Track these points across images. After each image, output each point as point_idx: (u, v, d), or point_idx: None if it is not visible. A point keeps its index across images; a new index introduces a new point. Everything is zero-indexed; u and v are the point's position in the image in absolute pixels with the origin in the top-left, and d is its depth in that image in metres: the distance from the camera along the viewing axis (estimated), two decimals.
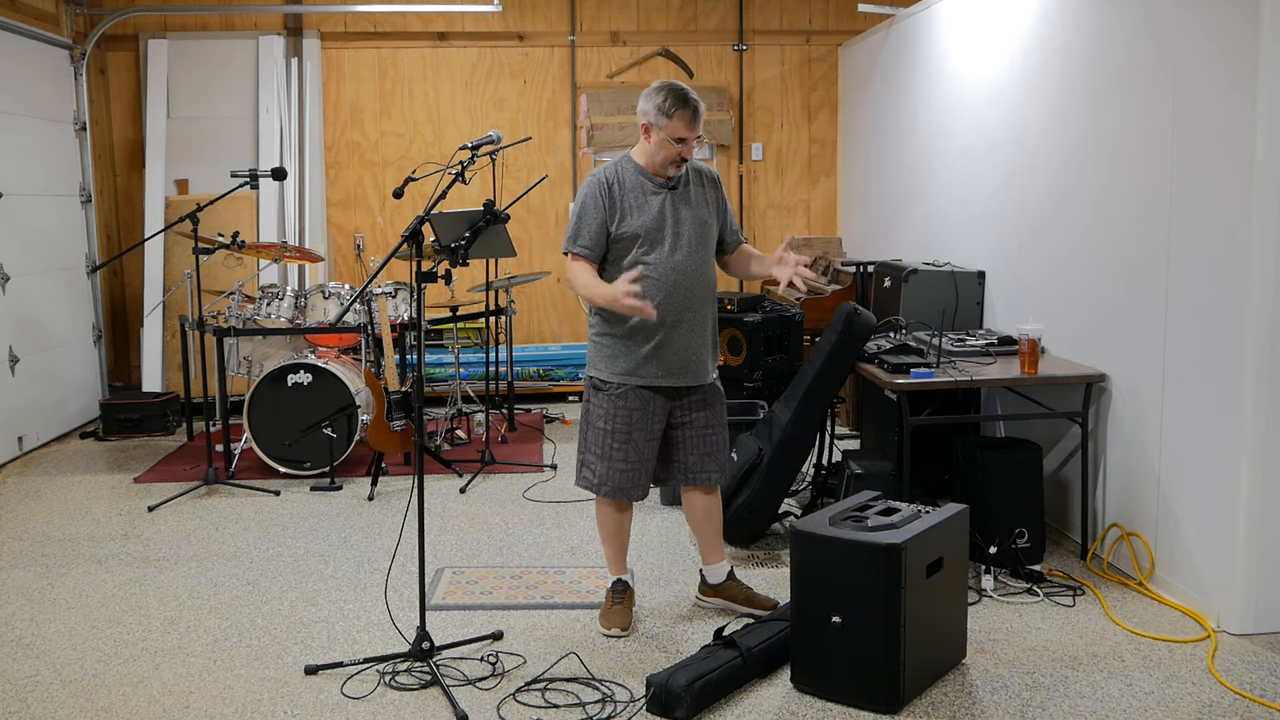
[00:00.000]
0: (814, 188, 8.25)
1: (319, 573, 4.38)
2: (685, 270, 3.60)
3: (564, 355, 7.76)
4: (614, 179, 3.61)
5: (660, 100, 3.54)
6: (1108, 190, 4.31)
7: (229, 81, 7.68)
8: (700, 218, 3.65)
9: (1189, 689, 3.31)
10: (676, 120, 3.52)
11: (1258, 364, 3.54)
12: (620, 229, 3.57)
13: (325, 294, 5.94)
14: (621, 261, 3.59)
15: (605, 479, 3.68)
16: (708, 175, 3.74)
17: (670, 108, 3.52)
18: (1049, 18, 4.74)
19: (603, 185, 3.60)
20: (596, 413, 3.69)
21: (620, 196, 3.59)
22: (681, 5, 8.04)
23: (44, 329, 6.70)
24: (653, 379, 3.63)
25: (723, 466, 3.81)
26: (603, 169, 3.66)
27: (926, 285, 5.33)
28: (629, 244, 3.58)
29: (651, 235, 3.57)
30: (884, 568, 3.12)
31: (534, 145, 7.96)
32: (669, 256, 3.58)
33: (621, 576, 3.87)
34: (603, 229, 3.58)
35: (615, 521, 3.82)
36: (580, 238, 3.60)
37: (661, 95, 3.55)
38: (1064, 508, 4.67)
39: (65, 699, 3.33)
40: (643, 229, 3.57)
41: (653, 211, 3.59)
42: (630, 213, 3.58)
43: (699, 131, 3.57)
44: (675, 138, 3.53)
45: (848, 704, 3.22)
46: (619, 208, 3.58)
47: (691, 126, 3.54)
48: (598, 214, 3.58)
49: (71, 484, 5.75)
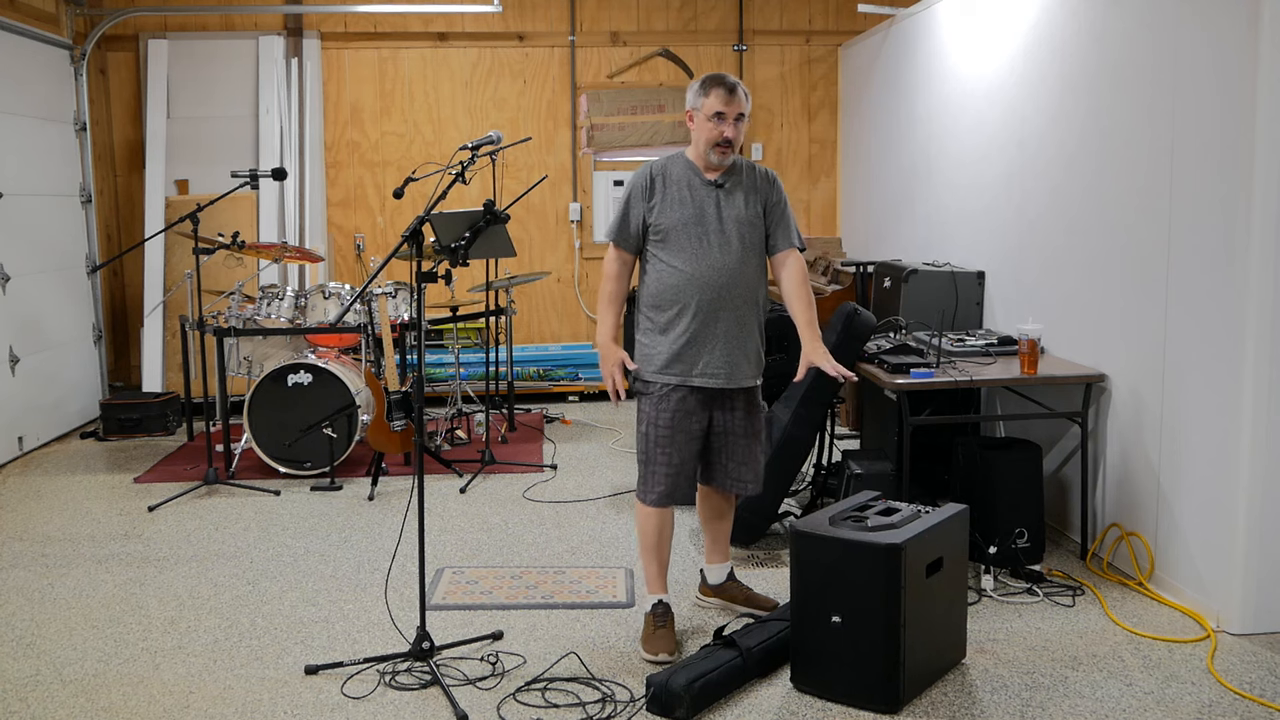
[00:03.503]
0: (814, 188, 8.25)
1: (319, 573, 4.38)
2: (723, 269, 3.52)
3: (564, 355, 7.76)
4: (661, 171, 3.59)
5: (698, 83, 3.56)
6: (1108, 190, 4.31)
7: (229, 81, 7.68)
8: (746, 216, 3.56)
9: (1189, 689, 3.31)
10: (712, 97, 3.50)
11: (1258, 364, 3.54)
12: (657, 219, 3.53)
13: (325, 294, 5.95)
14: (658, 255, 3.56)
15: (651, 484, 3.62)
16: (763, 174, 3.66)
17: (706, 85, 3.53)
18: (1049, 18, 4.74)
19: (647, 176, 3.59)
20: (641, 417, 3.65)
21: (663, 188, 3.56)
22: (681, 5, 8.04)
23: (44, 329, 6.70)
24: (689, 377, 3.55)
25: (758, 477, 3.74)
26: (654, 161, 3.64)
27: (926, 285, 5.33)
28: (664, 236, 3.53)
29: (688, 229, 3.52)
30: (884, 568, 3.12)
31: (534, 145, 7.96)
32: (706, 253, 3.51)
33: (662, 597, 3.69)
34: (641, 220, 3.57)
35: (657, 531, 3.68)
36: (618, 226, 3.62)
37: (699, 80, 3.57)
38: (1064, 508, 4.67)
39: (65, 699, 3.33)
40: (679, 222, 3.52)
41: (692, 205, 3.53)
42: (670, 204, 3.54)
43: (740, 109, 3.51)
44: (713, 113, 3.49)
45: (848, 704, 3.22)
46: (659, 198, 3.55)
47: (728, 102, 3.49)
48: (638, 204, 3.57)
49: (72, 484, 5.75)
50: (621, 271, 3.63)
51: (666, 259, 3.54)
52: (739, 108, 3.51)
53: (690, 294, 3.51)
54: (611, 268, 3.64)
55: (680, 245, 3.52)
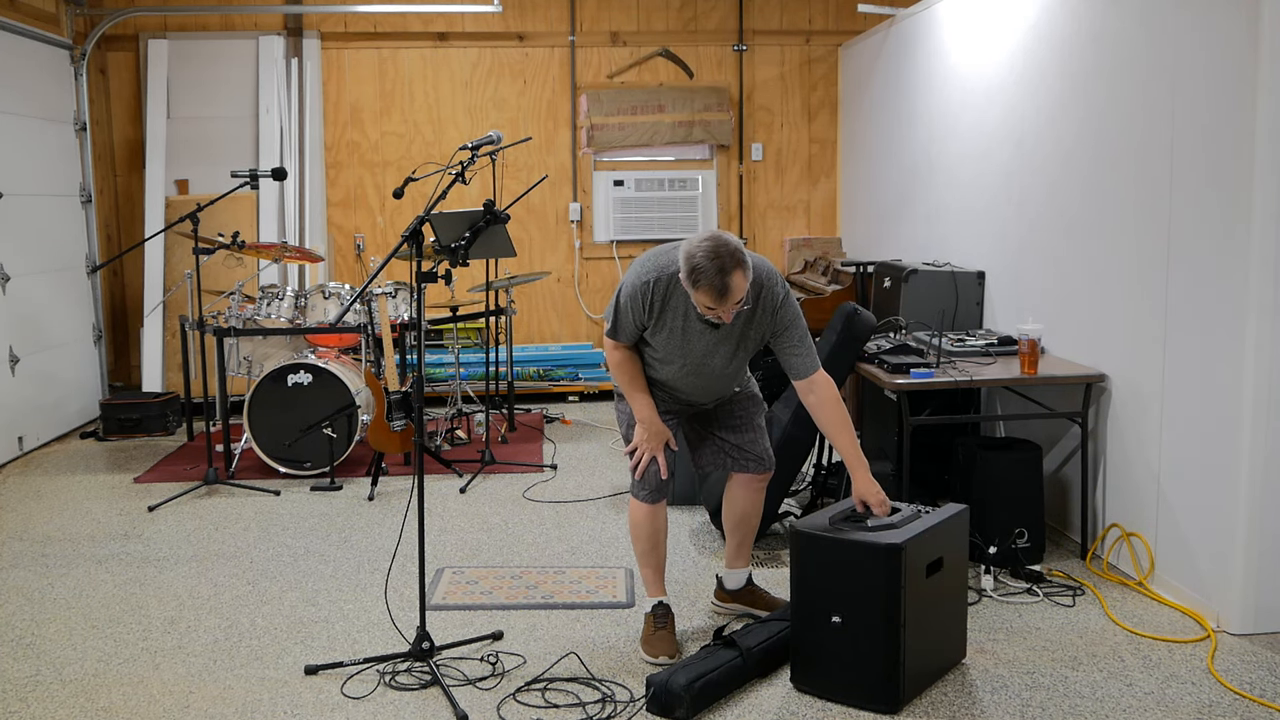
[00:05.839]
0: (814, 188, 8.25)
1: (319, 573, 4.38)
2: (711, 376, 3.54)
3: (564, 355, 7.76)
4: (662, 296, 3.37)
5: (687, 268, 3.18)
6: (1108, 189, 4.31)
7: (229, 81, 7.68)
8: (741, 349, 3.50)
9: (1189, 689, 3.31)
10: (701, 294, 3.20)
11: (1258, 364, 3.54)
12: (652, 338, 3.48)
13: (325, 294, 5.95)
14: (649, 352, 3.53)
15: (643, 480, 3.60)
16: (767, 303, 3.40)
17: (694, 280, 3.18)
18: (1049, 18, 4.75)
19: (647, 298, 3.37)
20: (622, 418, 3.67)
21: (660, 312, 3.41)
22: (681, 5, 8.04)
23: (44, 329, 6.70)
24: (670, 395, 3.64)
25: (766, 449, 3.71)
26: (658, 276, 3.36)
27: (926, 285, 5.33)
28: (654, 350, 3.50)
29: (676, 355, 3.47)
30: (884, 568, 3.12)
31: (534, 145, 7.96)
32: (690, 374, 3.52)
33: (661, 599, 3.67)
34: (639, 329, 3.48)
35: (649, 531, 3.64)
36: (620, 331, 3.51)
37: (690, 262, 3.17)
38: (1064, 508, 4.67)
39: (65, 699, 3.33)
40: (670, 347, 3.46)
41: (687, 338, 3.43)
42: (663, 331, 3.44)
43: (733, 302, 3.21)
44: (705, 305, 3.25)
45: (848, 704, 3.22)
46: (656, 321, 3.43)
47: (719, 301, 3.19)
48: (636, 319, 3.45)
49: (71, 484, 5.75)
50: (627, 357, 3.55)
51: (652, 356, 3.54)
52: (734, 299, 3.20)
53: (672, 389, 3.60)
54: (615, 355, 3.54)
55: (667, 360, 3.51)
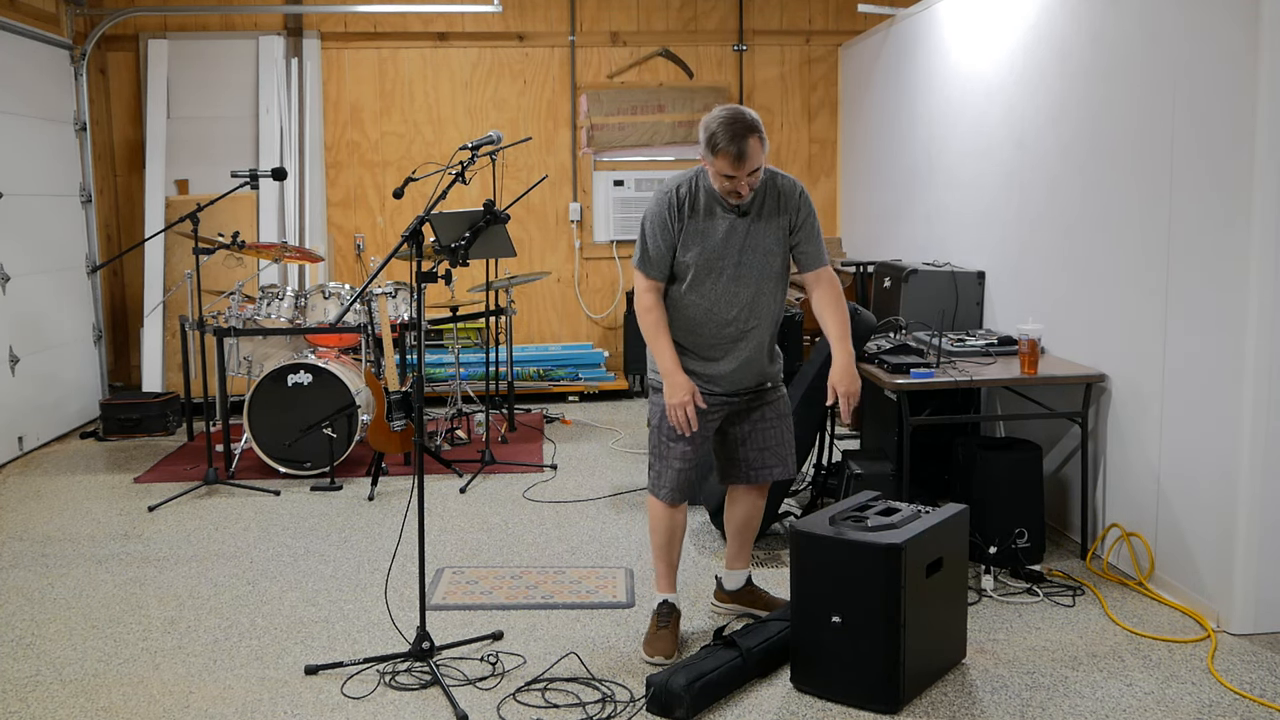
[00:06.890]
0: (814, 188, 8.24)
1: (319, 573, 4.38)
2: (743, 304, 3.46)
3: (564, 355, 7.76)
4: (686, 198, 3.41)
5: (705, 136, 3.29)
6: (1108, 190, 4.31)
7: (229, 81, 7.68)
8: (766, 247, 3.46)
9: (1189, 689, 3.31)
10: (720, 160, 3.27)
11: (1257, 363, 3.54)
12: (683, 255, 3.43)
13: (325, 294, 5.95)
14: (681, 285, 3.47)
15: (663, 479, 3.58)
16: (788, 190, 3.46)
17: (712, 145, 3.27)
18: (1049, 16, 4.74)
19: (673, 206, 3.40)
20: (654, 411, 3.61)
21: (688, 219, 3.41)
22: (681, 5, 8.04)
23: (44, 329, 6.70)
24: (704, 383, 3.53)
25: (784, 460, 3.66)
26: (678, 181, 3.43)
27: (926, 285, 5.33)
28: (687, 270, 3.44)
29: (709, 265, 3.43)
30: (884, 568, 3.12)
31: (534, 145, 7.96)
32: (725, 290, 3.44)
33: (668, 597, 3.66)
34: (670, 251, 3.44)
35: (668, 530, 3.63)
36: (649, 260, 3.46)
37: (707, 131, 3.28)
38: (1064, 508, 4.67)
39: (65, 699, 3.33)
40: (699, 258, 3.42)
41: (716, 239, 3.41)
42: (694, 239, 3.41)
43: (753, 166, 3.27)
44: (722, 174, 3.30)
45: (847, 704, 3.22)
46: (685, 231, 3.41)
47: (737, 166, 3.25)
48: (666, 236, 3.42)
49: (71, 484, 5.75)
50: (657, 301, 3.49)
51: (684, 291, 3.47)
52: (751, 165, 3.27)
53: (708, 327, 3.48)
54: (646, 299, 3.48)
55: (699, 280, 3.44)
